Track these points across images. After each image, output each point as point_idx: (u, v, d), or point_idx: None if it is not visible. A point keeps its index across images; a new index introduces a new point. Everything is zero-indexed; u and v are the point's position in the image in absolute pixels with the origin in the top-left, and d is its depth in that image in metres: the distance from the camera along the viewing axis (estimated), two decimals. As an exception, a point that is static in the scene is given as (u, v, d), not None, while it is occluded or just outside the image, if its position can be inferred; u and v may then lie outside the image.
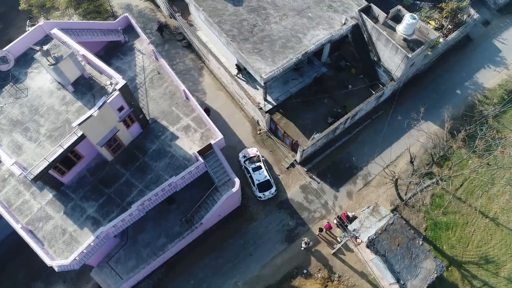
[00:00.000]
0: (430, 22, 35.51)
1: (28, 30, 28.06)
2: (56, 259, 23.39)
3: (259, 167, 30.35)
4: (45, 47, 22.52)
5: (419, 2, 36.40)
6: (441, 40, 34.45)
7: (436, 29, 35.42)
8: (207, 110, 33.17)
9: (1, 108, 24.41)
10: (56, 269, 22.83)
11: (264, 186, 29.85)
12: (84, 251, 23.42)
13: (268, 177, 30.01)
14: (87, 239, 23.85)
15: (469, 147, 26.99)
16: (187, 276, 28.32)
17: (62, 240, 24.14)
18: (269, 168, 31.59)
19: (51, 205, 24.99)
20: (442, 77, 36.09)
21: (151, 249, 27.53)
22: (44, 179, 23.45)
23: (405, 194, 28.44)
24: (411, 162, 26.83)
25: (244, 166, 30.89)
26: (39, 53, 22.44)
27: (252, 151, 31.37)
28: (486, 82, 35.72)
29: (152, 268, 27.25)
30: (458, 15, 35.35)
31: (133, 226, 27.95)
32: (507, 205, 30.35)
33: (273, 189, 29.98)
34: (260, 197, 29.98)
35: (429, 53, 33.48)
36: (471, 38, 38.36)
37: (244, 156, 31.17)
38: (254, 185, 30.04)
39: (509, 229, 30.06)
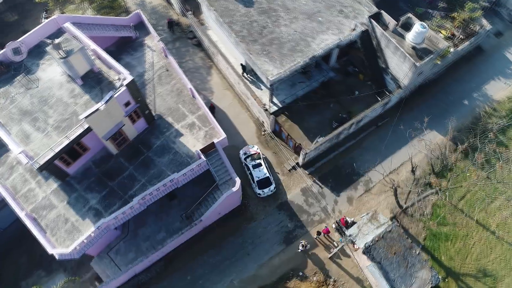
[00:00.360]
0: (441, 31, 35.33)
1: (43, 22, 28.74)
2: (57, 248, 23.99)
3: (259, 164, 30.74)
4: (56, 41, 23.10)
5: (431, 10, 36.20)
6: (451, 49, 34.26)
7: (447, 38, 35.23)
8: (212, 107, 33.59)
9: (12, 97, 25.09)
10: (57, 257, 23.46)
11: (264, 183, 30.23)
12: (85, 241, 24.00)
13: (267, 174, 30.41)
14: (88, 229, 24.42)
15: (469, 160, 26.86)
16: (185, 272, 28.74)
17: (64, 229, 24.75)
18: (270, 167, 31.91)
19: (55, 194, 25.63)
20: (450, 86, 35.89)
21: (150, 243, 28.05)
22: (50, 169, 24.07)
23: (405, 203, 28.44)
24: (412, 171, 26.83)
25: (245, 163, 31.26)
26: (50, 46, 23.03)
27: (253, 148, 31.75)
28: (495, 94, 35.42)
29: (150, 261, 27.74)
30: (470, 26, 35.10)
31: (134, 220, 28.53)
32: (509, 220, 30.09)
33: (272, 186, 30.31)
34: (259, 193, 30.34)
35: (438, 62, 33.33)
36: (482, 48, 38.04)
37: (245, 153, 31.58)
38: (253, 182, 30.44)
39: (510, 244, 29.81)
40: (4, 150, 26.11)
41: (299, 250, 28.69)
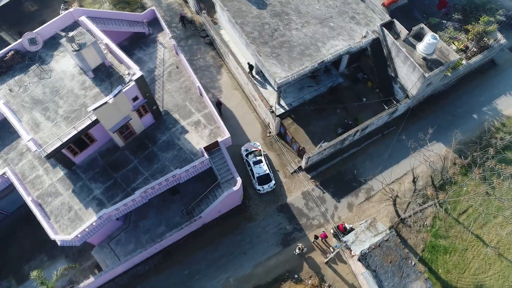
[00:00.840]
0: (454, 43, 35.04)
1: (61, 14, 29.56)
2: (60, 234, 24.75)
3: (260, 161, 31.18)
4: (70, 34, 23.78)
5: (445, 21, 35.93)
6: (463, 62, 33.98)
7: (460, 50, 34.94)
8: (219, 104, 34.03)
9: (26, 86, 25.90)
10: (58, 243, 24.20)
11: (264, 179, 30.66)
12: (86, 229, 24.70)
13: (268, 171, 30.79)
14: (90, 218, 25.10)
15: (468, 175, 26.71)
16: (183, 266, 29.25)
17: (67, 217, 25.49)
18: (271, 165, 32.35)
19: (61, 182, 26.40)
20: (460, 99, 35.61)
21: (150, 235, 28.66)
22: (57, 157, 24.83)
23: (404, 213, 28.41)
24: (413, 181, 26.77)
25: (246, 159, 31.68)
26: (64, 38, 23.72)
27: (254, 145, 32.18)
28: (505, 110, 35.00)
29: (149, 253, 28.33)
30: (484, 39, 34.74)
31: (136, 212, 29.21)
32: (509, 238, 29.81)
33: (272, 183, 30.69)
34: (259, 189, 30.78)
35: (449, 74, 33.08)
36: (496, 63, 37.61)
37: (246, 150, 32.05)
38: (254, 178, 30.87)
39: (510, 261, 29.53)
40: (16, 136, 26.94)
41: (296, 253, 28.94)
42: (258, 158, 31.33)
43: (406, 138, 30.93)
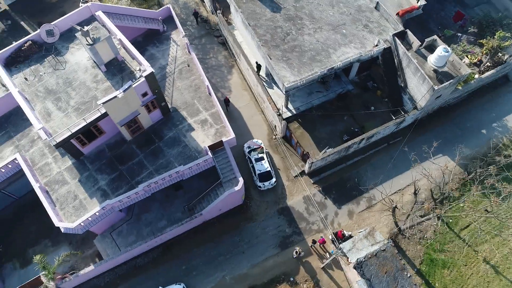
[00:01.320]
0: (467, 56, 34.75)
1: (81, 6, 30.30)
2: (64, 221, 25.50)
3: (262, 158, 31.66)
4: (86, 28, 24.47)
5: (460, 34, 35.66)
6: (476, 76, 33.68)
7: (474, 64, 34.65)
8: (227, 101, 34.46)
9: (41, 76, 26.72)
10: (62, 230, 24.97)
11: (265, 176, 31.10)
12: (89, 218, 25.41)
13: (269, 169, 31.21)
14: (94, 208, 25.81)
15: (469, 190, 26.53)
16: (181, 261, 29.76)
17: (72, 205, 26.25)
18: (273, 165, 32.74)
19: (68, 171, 27.19)
20: (470, 113, 35.30)
21: (151, 229, 29.27)
22: (66, 147, 25.57)
23: (403, 224, 28.39)
24: (415, 193, 26.73)
25: (248, 156, 32.08)
26: (80, 32, 24.42)
27: (257, 142, 32.65)
28: (516, 127, 34.61)
29: (149, 246, 28.94)
30: (499, 54, 34.36)
31: (140, 204, 29.86)
32: (510, 256, 29.50)
33: (273, 180, 31.11)
34: (260, 186, 31.22)
35: (460, 88, 32.82)
36: (509, 79, 37.13)
37: (249, 147, 32.49)
38: (255, 175, 31.30)
39: (509, 280, 29.22)
40: (29, 123, 27.78)
41: (293, 256, 29.19)
42: (260, 155, 31.79)
43: (408, 150, 30.88)
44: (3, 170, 26.98)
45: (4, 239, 29.42)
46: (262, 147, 32.37)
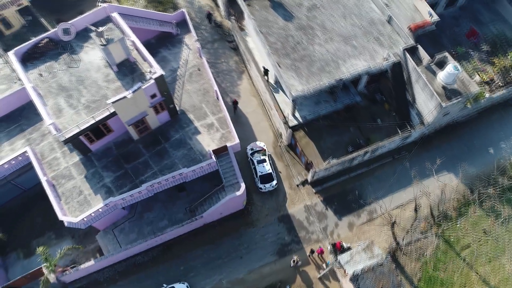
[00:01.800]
0: (479, 74, 34.51)
1: (99, 6, 31.11)
2: (68, 215, 26.13)
3: (264, 160, 31.99)
4: (100, 29, 25.16)
5: (472, 52, 35.45)
6: (486, 95, 33.43)
7: (485, 82, 34.41)
8: (236, 103, 34.85)
9: (55, 73, 27.50)
10: (65, 224, 25.60)
11: (266, 178, 31.44)
12: (92, 214, 26.00)
13: (270, 171, 31.53)
14: (97, 204, 26.38)
15: (468, 210, 26.37)
16: (180, 261, 30.10)
17: (77, 200, 26.88)
18: (275, 168, 33.03)
19: (76, 167, 27.86)
20: (478, 131, 34.99)
21: (152, 228, 29.73)
22: (74, 143, 26.28)
23: (402, 240, 28.29)
24: (415, 210, 26.65)
25: (250, 158, 32.40)
26: (94, 33, 25.12)
27: (260, 144, 33.00)
28: (524, 149, 34.17)
29: (149, 245, 29.38)
30: (511, 73, 34.07)
31: (143, 203, 30.35)
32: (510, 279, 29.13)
33: (274, 182, 31.42)
34: (261, 188, 31.56)
35: (469, 106, 32.59)
36: (521, 99, 36.73)
37: (252, 149, 32.80)
38: (256, 177, 31.64)
39: (508, 303, 28.87)
40: (40, 118, 28.32)
41: (291, 265, 29.29)
42: (262, 157, 32.10)
43: (409, 166, 30.77)
44: (13, 162, 27.81)
45: (11, 229, 30.21)
46: (265, 149, 32.68)
